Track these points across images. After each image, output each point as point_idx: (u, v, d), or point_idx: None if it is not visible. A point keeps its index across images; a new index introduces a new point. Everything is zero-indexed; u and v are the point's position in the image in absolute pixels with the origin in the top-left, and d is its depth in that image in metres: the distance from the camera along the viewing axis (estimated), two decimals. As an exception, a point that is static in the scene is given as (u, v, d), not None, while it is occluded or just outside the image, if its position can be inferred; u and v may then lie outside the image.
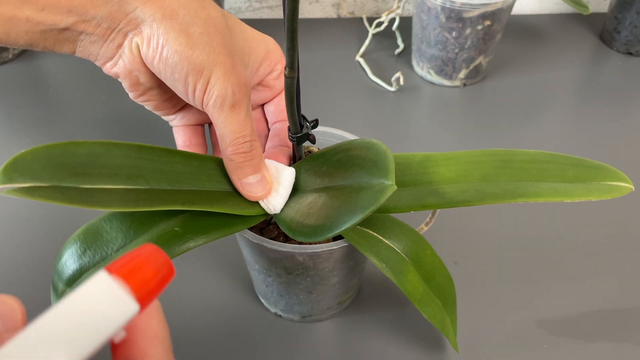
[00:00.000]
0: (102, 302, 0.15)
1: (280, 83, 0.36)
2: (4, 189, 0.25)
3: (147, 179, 0.29)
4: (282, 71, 0.35)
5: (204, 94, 0.29)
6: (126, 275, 0.16)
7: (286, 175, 0.34)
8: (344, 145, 0.32)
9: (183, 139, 0.36)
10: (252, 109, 0.37)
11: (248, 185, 0.32)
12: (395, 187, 0.26)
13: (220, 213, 0.31)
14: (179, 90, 0.30)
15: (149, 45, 0.28)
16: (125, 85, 0.32)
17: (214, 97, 0.29)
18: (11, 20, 0.26)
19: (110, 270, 0.16)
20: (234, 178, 0.33)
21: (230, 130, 0.30)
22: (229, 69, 0.29)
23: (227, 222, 0.31)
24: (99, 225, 0.29)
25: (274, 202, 0.33)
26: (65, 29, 0.28)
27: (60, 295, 0.29)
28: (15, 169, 0.25)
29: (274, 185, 0.33)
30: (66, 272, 0.29)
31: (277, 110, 0.37)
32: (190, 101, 0.30)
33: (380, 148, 0.29)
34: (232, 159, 0.31)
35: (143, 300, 0.16)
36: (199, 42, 0.28)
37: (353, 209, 0.27)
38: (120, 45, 0.29)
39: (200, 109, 0.31)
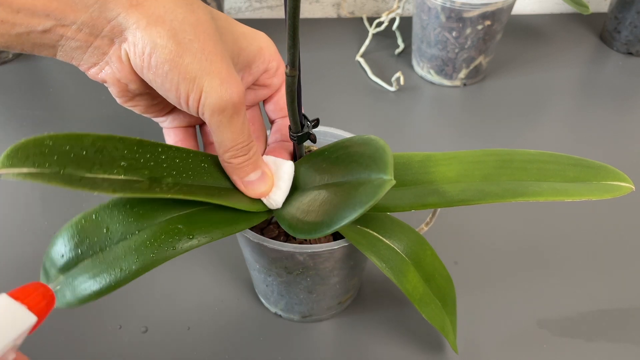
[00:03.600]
0: (5, 315, 0.20)
1: (276, 81, 0.36)
2: (5, 173, 0.24)
3: (150, 170, 0.29)
4: (278, 69, 0.35)
5: (198, 104, 0.28)
6: (21, 297, 0.21)
7: (285, 169, 0.34)
8: (343, 143, 0.33)
9: (174, 140, 0.36)
10: (248, 108, 0.37)
11: (250, 183, 0.32)
12: (394, 182, 0.26)
13: (224, 210, 0.31)
14: (171, 99, 0.29)
15: (135, 54, 0.27)
16: (112, 91, 0.31)
17: (209, 107, 0.28)
18: None
19: (9, 295, 0.21)
20: (235, 178, 0.33)
21: (228, 139, 0.30)
22: (224, 78, 0.28)
23: (230, 219, 0.31)
24: (98, 214, 0.28)
25: (275, 196, 0.33)
26: (44, 32, 0.26)
27: (52, 280, 0.28)
28: (18, 155, 0.25)
29: (274, 180, 0.33)
30: (61, 260, 0.28)
31: (277, 108, 0.37)
32: (183, 109, 0.29)
33: (379, 144, 0.29)
34: (231, 162, 0.31)
35: (38, 314, 0.21)
36: (190, 49, 0.27)
37: (352, 205, 0.27)
38: (105, 53, 0.28)
39: (195, 115, 0.30)
